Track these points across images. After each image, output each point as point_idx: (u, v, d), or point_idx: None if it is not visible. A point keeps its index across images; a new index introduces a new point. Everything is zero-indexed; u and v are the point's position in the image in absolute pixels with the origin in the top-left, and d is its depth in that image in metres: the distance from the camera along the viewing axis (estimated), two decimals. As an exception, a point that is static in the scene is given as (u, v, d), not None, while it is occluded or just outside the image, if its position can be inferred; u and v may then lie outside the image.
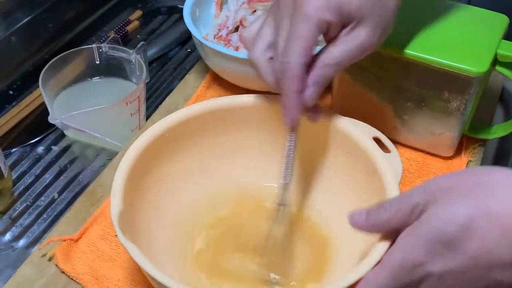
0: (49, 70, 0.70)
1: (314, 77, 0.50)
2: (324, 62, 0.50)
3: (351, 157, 0.55)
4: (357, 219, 0.44)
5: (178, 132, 0.56)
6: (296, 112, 0.51)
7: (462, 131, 0.64)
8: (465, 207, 0.39)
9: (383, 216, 0.43)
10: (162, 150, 0.55)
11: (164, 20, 0.93)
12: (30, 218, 0.64)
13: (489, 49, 0.58)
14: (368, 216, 0.44)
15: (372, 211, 0.44)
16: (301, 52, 0.49)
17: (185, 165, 0.58)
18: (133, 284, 0.55)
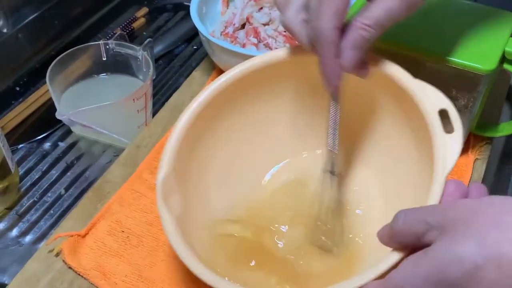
0: (56, 66, 0.71)
1: (351, 40, 0.46)
2: (363, 22, 0.46)
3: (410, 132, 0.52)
4: (383, 233, 0.42)
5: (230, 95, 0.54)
6: (335, 78, 0.48)
7: (469, 129, 0.64)
8: (475, 252, 0.35)
9: (396, 226, 0.41)
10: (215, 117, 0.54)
11: (170, 17, 0.93)
12: (37, 213, 0.64)
13: (497, 47, 0.58)
14: (389, 229, 0.42)
15: (389, 225, 0.42)
16: (332, 16, 0.45)
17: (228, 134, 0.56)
18: (140, 280, 0.55)
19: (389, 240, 0.42)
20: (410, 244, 0.40)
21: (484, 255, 0.35)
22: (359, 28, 0.46)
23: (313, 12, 0.46)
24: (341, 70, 0.47)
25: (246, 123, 0.57)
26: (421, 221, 0.39)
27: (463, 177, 0.64)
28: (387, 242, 0.42)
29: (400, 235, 0.40)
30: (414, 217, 0.40)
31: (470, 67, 0.57)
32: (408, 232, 0.40)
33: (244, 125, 0.57)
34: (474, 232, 0.36)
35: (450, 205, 0.40)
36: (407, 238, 0.40)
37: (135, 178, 0.63)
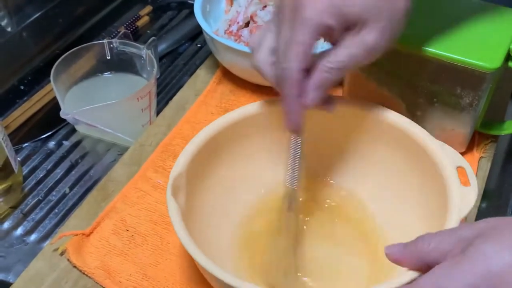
0: (60, 65, 0.71)
1: (316, 81, 0.49)
2: (328, 66, 0.48)
3: (427, 181, 0.53)
4: (394, 250, 0.43)
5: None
6: (296, 116, 0.50)
7: (474, 127, 0.64)
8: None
9: (422, 248, 0.42)
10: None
11: (174, 15, 0.93)
12: (42, 212, 0.64)
13: (502, 45, 0.58)
14: (405, 248, 0.43)
15: (410, 243, 0.43)
16: (299, 58, 0.47)
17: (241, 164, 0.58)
18: (145, 279, 0.55)
19: (410, 259, 0.43)
20: (435, 260, 0.41)
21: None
22: (324, 71, 0.49)
23: (281, 55, 0.49)
24: (302, 108, 0.50)
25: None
26: (453, 234, 0.40)
27: (468, 176, 0.64)
28: (407, 261, 0.43)
29: (428, 253, 0.41)
30: (444, 233, 0.41)
31: (475, 65, 0.57)
32: (438, 247, 0.41)
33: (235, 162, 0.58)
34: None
35: (474, 223, 0.41)
36: (436, 253, 0.41)
37: (139, 177, 0.63)
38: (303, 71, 0.48)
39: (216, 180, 0.56)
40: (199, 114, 0.70)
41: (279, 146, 0.56)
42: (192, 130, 0.68)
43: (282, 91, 0.50)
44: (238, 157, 0.57)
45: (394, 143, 0.56)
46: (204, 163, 0.54)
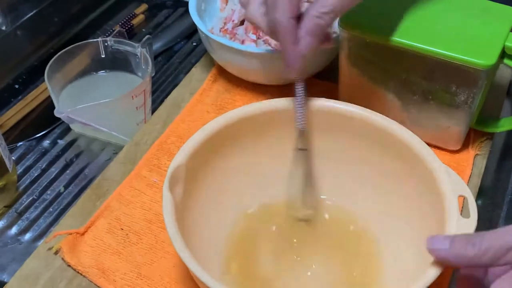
0: (55, 64, 0.70)
1: (307, 27, 0.50)
2: (317, 10, 0.49)
3: (426, 205, 0.52)
4: (439, 246, 0.41)
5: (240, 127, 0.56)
6: (295, 62, 0.51)
7: (469, 125, 0.64)
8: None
9: (471, 253, 0.39)
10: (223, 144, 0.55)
11: (169, 14, 0.93)
12: (36, 211, 0.64)
13: (497, 42, 0.58)
14: (452, 245, 0.40)
15: (458, 242, 0.40)
16: (286, 7, 0.49)
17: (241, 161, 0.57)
18: (139, 277, 0.55)
19: (456, 261, 0.40)
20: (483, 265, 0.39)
21: None
22: (314, 16, 0.49)
23: (270, 5, 0.50)
24: (299, 55, 0.51)
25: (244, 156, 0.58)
26: (503, 239, 0.38)
27: (463, 173, 0.64)
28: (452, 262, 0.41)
29: (476, 259, 0.39)
30: (493, 238, 0.39)
31: (469, 62, 0.57)
32: (486, 254, 0.39)
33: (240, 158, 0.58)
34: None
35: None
36: (485, 259, 0.39)
37: (134, 175, 0.63)
38: (294, 19, 0.49)
39: (214, 178, 0.56)
40: (195, 113, 0.70)
41: (281, 147, 0.56)
42: (187, 129, 0.68)
43: (277, 39, 0.51)
44: (238, 157, 0.57)
45: (400, 160, 0.54)
46: (203, 160, 0.54)
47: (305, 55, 0.51)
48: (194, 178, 0.53)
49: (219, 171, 0.56)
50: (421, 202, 0.52)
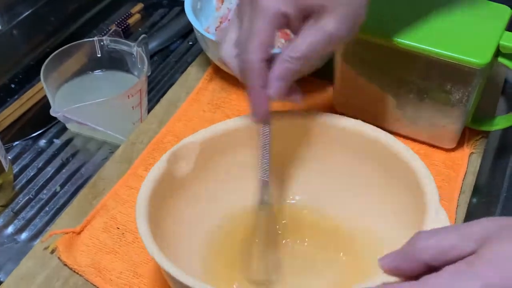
0: (51, 63, 0.70)
1: (277, 71, 0.48)
2: (288, 55, 0.48)
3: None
4: (388, 260, 0.40)
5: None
6: (261, 107, 0.50)
7: (464, 123, 0.64)
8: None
9: (420, 245, 0.39)
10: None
11: (165, 13, 0.93)
12: (33, 211, 0.64)
13: (492, 41, 0.58)
14: (399, 252, 0.40)
15: (405, 245, 0.40)
16: (258, 48, 0.47)
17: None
18: (135, 277, 0.55)
19: (407, 262, 0.39)
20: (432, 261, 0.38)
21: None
22: (285, 60, 0.48)
23: (242, 46, 0.49)
24: (267, 99, 0.49)
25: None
26: (454, 234, 0.38)
27: (458, 171, 0.64)
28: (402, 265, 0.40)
29: (424, 251, 0.38)
30: (443, 233, 0.39)
31: (464, 61, 0.57)
32: (435, 248, 0.38)
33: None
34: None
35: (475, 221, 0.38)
36: (430, 254, 0.38)
37: (130, 174, 0.63)
38: (264, 61, 0.48)
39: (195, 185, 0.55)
40: (191, 112, 0.70)
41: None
42: (183, 128, 0.68)
43: (246, 82, 0.50)
44: (223, 166, 0.57)
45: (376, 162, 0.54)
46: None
47: (271, 100, 0.49)
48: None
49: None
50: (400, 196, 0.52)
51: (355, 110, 0.69)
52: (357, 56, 0.63)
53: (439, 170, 0.64)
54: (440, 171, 0.64)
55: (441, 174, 0.64)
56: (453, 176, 0.64)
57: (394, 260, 0.40)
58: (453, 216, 0.60)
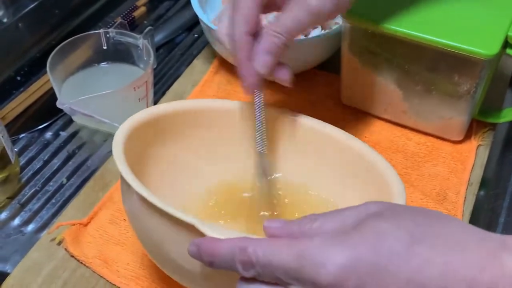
0: (57, 55, 0.70)
1: (263, 45, 0.50)
2: (274, 30, 0.49)
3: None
4: (274, 225, 0.39)
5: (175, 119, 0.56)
6: (250, 79, 0.51)
7: (472, 115, 0.64)
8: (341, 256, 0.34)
9: (305, 225, 0.38)
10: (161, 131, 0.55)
11: (171, 6, 0.92)
12: (39, 203, 0.64)
13: (500, 32, 0.58)
14: (287, 224, 0.39)
15: (294, 221, 0.39)
16: (242, 22, 0.49)
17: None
18: (142, 268, 0.55)
19: (289, 236, 0.38)
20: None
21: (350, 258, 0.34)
22: (270, 35, 0.49)
23: (230, 22, 0.51)
24: (254, 72, 0.51)
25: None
26: (338, 216, 0.38)
27: (466, 163, 0.64)
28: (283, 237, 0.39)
29: (308, 231, 0.38)
30: (329, 216, 0.38)
31: (472, 52, 0.56)
32: (319, 229, 0.37)
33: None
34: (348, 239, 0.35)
35: (360, 205, 0.38)
36: (314, 234, 0.37)
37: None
38: (249, 35, 0.50)
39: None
40: (196, 104, 0.70)
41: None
42: (189, 120, 0.68)
43: (234, 56, 0.51)
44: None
45: None
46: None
47: (259, 73, 0.50)
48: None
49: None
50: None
51: (362, 102, 0.69)
52: (364, 48, 0.63)
53: (446, 162, 0.64)
54: (448, 163, 0.64)
55: (448, 166, 0.64)
56: (461, 169, 0.63)
57: (278, 229, 0.39)
58: (461, 208, 0.60)
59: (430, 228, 0.35)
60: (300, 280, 0.35)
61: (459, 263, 0.33)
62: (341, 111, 0.70)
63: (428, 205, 0.60)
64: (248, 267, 0.36)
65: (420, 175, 0.63)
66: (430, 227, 0.35)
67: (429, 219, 0.36)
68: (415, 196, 0.60)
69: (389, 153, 0.65)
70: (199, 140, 0.57)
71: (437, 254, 0.33)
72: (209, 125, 0.57)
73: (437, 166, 0.64)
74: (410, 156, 0.65)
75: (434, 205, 0.60)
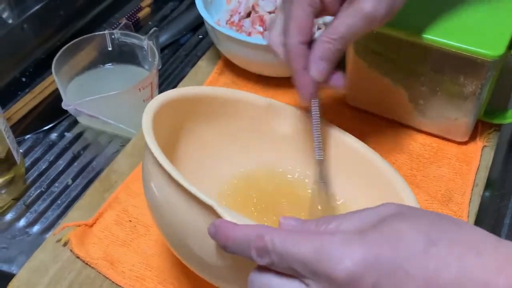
0: (62, 56, 0.70)
1: (317, 52, 0.49)
2: (328, 36, 0.49)
3: None
4: (291, 223, 0.39)
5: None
6: (307, 89, 0.51)
7: (477, 116, 0.63)
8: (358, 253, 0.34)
9: (321, 227, 0.38)
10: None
11: (175, 6, 0.92)
12: (45, 204, 0.64)
13: (505, 33, 0.58)
14: (303, 224, 0.39)
15: (310, 221, 0.39)
16: (296, 32, 0.49)
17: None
18: (148, 269, 0.55)
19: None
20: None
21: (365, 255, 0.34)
22: (325, 41, 0.49)
23: (284, 32, 0.51)
24: (311, 81, 0.50)
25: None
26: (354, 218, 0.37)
27: (471, 164, 0.64)
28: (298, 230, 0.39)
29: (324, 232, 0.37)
30: (344, 218, 0.38)
31: (477, 53, 0.56)
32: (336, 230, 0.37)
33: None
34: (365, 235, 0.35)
35: (378, 206, 0.38)
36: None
37: (141, 167, 0.63)
38: (304, 44, 0.50)
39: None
40: (201, 105, 0.70)
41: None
42: (194, 121, 0.68)
43: (290, 67, 0.51)
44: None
45: None
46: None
47: (316, 81, 0.50)
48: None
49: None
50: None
51: (367, 103, 0.69)
52: (369, 49, 0.63)
53: (451, 163, 0.64)
54: (453, 164, 0.64)
55: (453, 167, 0.63)
56: (466, 170, 0.63)
57: (294, 229, 0.39)
58: (466, 209, 0.60)
59: (447, 231, 0.35)
60: (316, 274, 0.35)
61: (475, 267, 0.33)
62: (346, 112, 0.69)
63: (433, 207, 0.60)
64: (263, 253, 0.36)
65: (425, 176, 0.63)
66: (447, 230, 0.35)
67: (446, 223, 0.36)
68: (420, 198, 0.60)
69: (394, 154, 0.65)
70: (229, 128, 0.57)
71: (454, 257, 0.33)
72: (238, 115, 0.57)
73: (442, 167, 0.64)
74: (415, 157, 0.65)
75: (439, 206, 0.60)
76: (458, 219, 0.37)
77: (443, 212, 0.59)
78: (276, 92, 0.72)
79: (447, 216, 0.37)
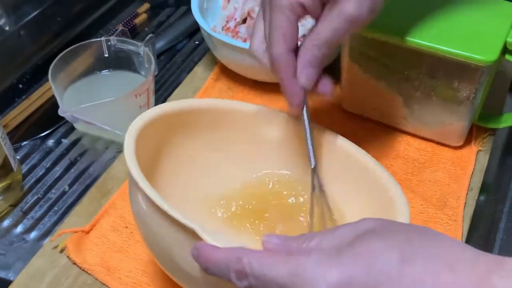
0: (59, 63, 0.71)
1: (303, 59, 0.49)
2: (312, 43, 0.48)
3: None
4: (273, 241, 0.39)
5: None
6: (296, 97, 0.50)
7: (472, 121, 0.64)
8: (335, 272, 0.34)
9: (302, 244, 0.38)
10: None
11: (172, 13, 0.93)
12: (41, 210, 0.64)
13: (499, 38, 0.58)
14: (285, 241, 0.39)
15: (292, 238, 0.39)
16: (281, 41, 0.48)
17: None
18: (144, 275, 0.55)
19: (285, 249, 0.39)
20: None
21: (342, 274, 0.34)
22: (309, 48, 0.49)
23: (268, 40, 0.50)
24: (300, 88, 0.50)
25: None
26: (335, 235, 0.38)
27: (466, 169, 0.64)
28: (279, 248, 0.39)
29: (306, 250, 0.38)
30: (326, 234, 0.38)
31: (471, 58, 0.57)
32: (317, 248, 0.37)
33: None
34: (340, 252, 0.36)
35: (358, 221, 0.38)
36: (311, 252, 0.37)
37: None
38: (290, 52, 0.49)
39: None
40: (197, 111, 0.70)
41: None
42: (190, 127, 0.68)
43: (277, 76, 0.50)
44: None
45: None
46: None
47: (305, 88, 0.50)
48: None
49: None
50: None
51: (363, 108, 0.69)
52: (364, 54, 0.63)
53: (446, 168, 0.64)
54: (448, 169, 0.64)
55: (448, 172, 0.64)
56: (461, 174, 0.64)
57: (276, 246, 0.39)
58: (461, 213, 0.60)
59: (423, 248, 0.35)
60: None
61: (450, 284, 0.33)
62: (341, 117, 0.70)
63: (428, 211, 0.60)
64: (241, 276, 0.37)
65: (421, 180, 0.63)
66: (423, 247, 0.35)
67: (423, 239, 0.35)
68: (415, 202, 0.60)
69: (390, 158, 0.65)
70: (216, 141, 0.57)
71: (428, 275, 0.33)
72: (224, 126, 0.57)
73: (437, 172, 0.64)
74: (410, 161, 0.65)
75: (434, 210, 0.60)
76: (438, 233, 0.36)
77: (439, 217, 0.59)
78: (272, 98, 0.72)
79: (427, 229, 0.37)
